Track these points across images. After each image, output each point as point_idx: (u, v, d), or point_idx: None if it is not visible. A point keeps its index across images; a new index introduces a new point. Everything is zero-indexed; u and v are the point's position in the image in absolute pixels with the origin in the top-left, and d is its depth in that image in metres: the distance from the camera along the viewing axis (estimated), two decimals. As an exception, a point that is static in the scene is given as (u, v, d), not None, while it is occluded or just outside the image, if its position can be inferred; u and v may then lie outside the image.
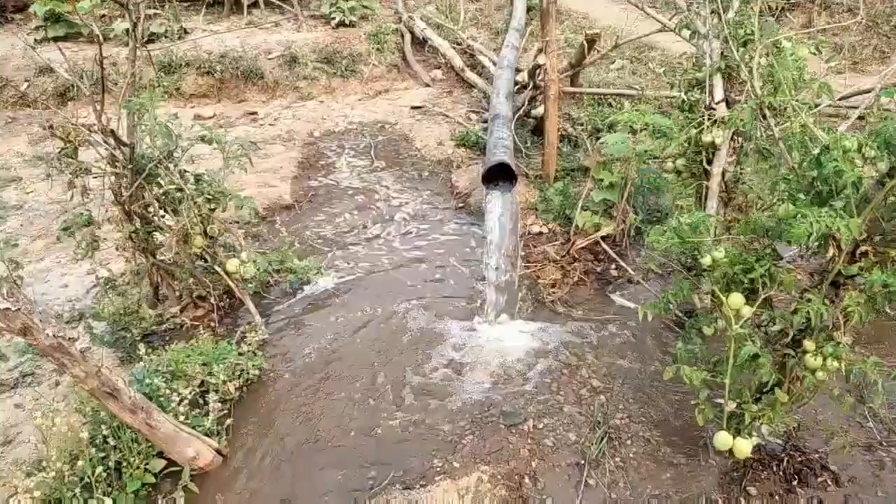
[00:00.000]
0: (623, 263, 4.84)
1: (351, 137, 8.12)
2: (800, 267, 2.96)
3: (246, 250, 4.37)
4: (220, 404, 3.67)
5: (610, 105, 8.07)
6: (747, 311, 2.93)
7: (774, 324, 3.05)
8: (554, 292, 4.85)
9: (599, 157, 5.27)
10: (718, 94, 4.28)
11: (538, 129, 7.08)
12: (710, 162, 4.34)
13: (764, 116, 3.64)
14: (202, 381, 3.89)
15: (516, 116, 6.78)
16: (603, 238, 5.24)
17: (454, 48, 10.19)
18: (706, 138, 4.19)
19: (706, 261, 2.95)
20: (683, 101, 4.46)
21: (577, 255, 5.18)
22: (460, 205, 6.35)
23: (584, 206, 5.26)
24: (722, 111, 4.23)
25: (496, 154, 4.81)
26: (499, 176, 4.83)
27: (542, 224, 5.76)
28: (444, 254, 5.52)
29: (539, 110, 7.02)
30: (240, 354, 4.17)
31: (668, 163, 4.61)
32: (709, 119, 4.21)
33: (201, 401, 3.77)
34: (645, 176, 5.46)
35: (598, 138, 7.27)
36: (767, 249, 2.98)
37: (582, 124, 7.56)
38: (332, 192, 6.73)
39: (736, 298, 2.98)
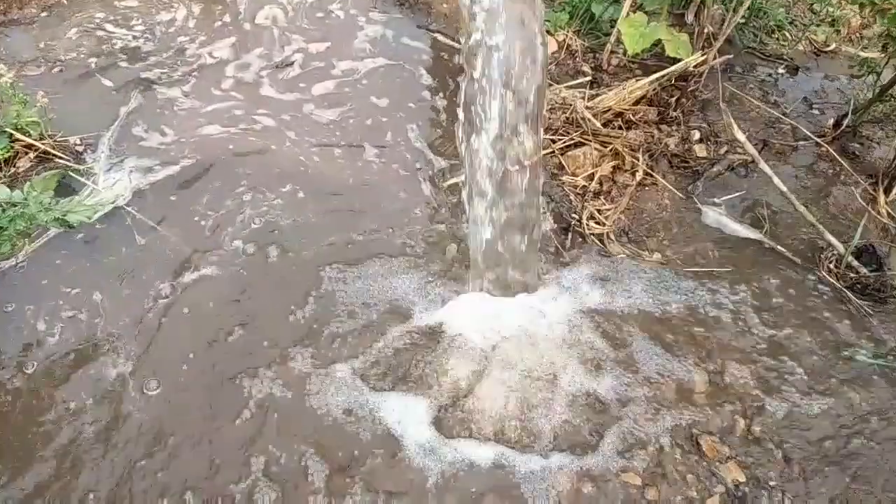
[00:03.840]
0: (742, 136, 2.34)
1: None
2: None
3: None
4: None
5: None
6: None
7: None
8: (603, 209, 2.40)
9: None
10: None
11: None
12: None
13: None
14: None
15: None
16: (677, 77, 2.70)
17: None
18: None
19: None
20: None
21: (632, 116, 2.65)
22: (382, -18, 3.36)
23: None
24: None
25: None
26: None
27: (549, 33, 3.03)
28: (371, 118, 2.71)
29: None
30: None
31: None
32: None
33: None
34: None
35: None
36: None
37: None
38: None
39: None
